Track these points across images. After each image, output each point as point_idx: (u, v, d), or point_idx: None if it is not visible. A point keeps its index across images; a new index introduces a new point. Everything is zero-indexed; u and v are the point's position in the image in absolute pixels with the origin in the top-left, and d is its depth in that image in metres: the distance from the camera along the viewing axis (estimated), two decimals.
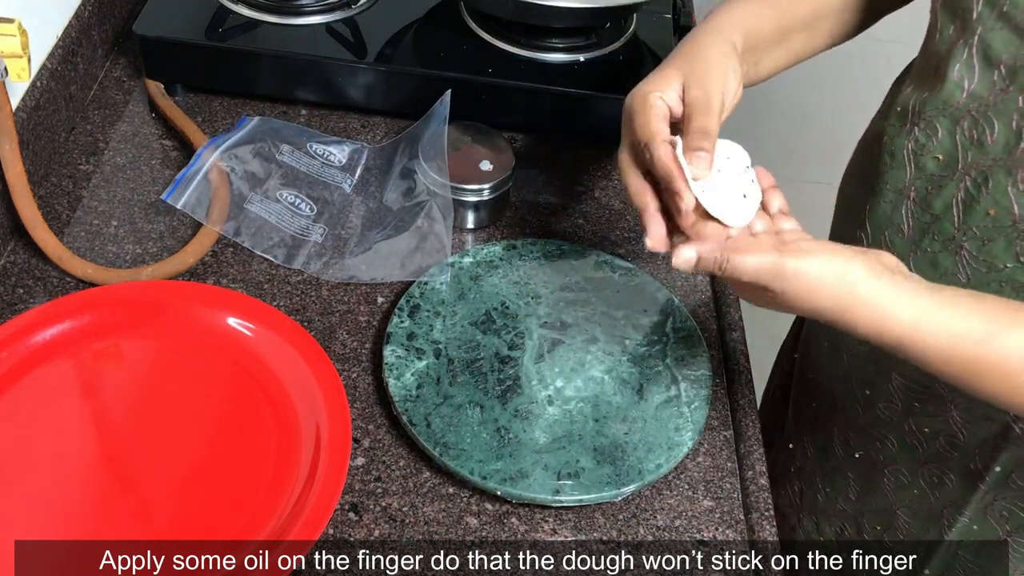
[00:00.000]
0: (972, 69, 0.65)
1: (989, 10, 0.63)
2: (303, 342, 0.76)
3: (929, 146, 0.70)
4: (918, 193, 0.71)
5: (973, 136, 0.66)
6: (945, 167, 0.69)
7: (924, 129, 0.70)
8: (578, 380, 0.78)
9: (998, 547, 0.78)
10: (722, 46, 0.69)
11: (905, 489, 0.81)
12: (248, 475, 0.70)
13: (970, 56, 0.65)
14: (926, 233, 0.71)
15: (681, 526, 0.73)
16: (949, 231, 0.69)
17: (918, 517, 0.82)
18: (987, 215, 0.66)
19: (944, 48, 0.67)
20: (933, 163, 0.70)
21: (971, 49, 0.65)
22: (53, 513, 0.67)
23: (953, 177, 0.68)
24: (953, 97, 0.67)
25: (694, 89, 0.66)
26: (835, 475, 0.88)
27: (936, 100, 0.68)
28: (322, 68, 0.97)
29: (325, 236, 0.88)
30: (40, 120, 0.88)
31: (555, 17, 0.93)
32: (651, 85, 0.67)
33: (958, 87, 0.66)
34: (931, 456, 0.78)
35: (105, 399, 0.75)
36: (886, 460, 0.82)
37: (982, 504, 0.77)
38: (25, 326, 0.75)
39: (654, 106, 0.66)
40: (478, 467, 0.71)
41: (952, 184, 0.68)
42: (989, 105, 0.64)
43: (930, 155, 0.70)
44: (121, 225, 0.88)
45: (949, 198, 0.69)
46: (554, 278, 0.85)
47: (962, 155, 0.67)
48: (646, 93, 0.67)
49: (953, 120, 0.67)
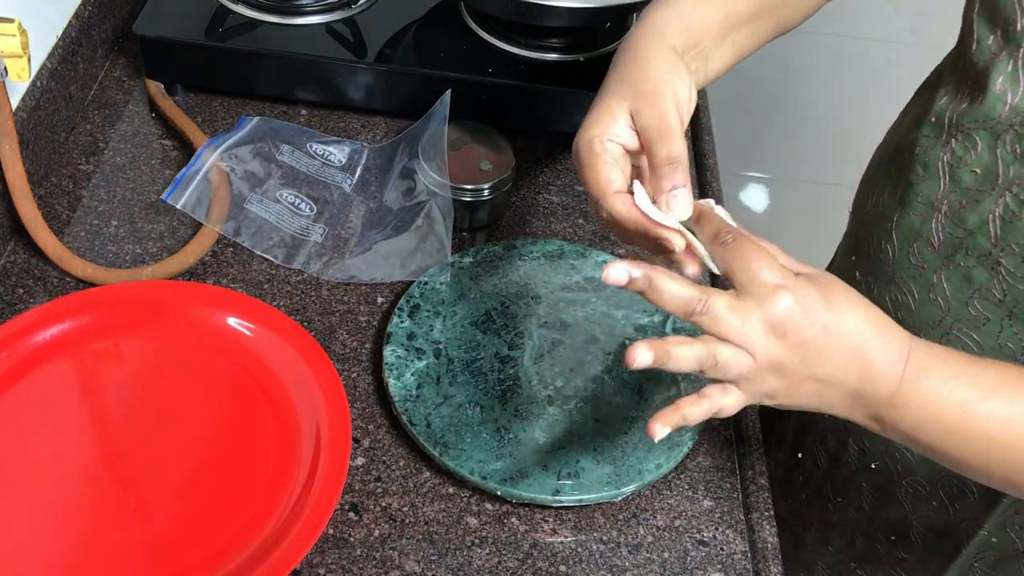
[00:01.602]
0: (1017, 82, 0.62)
1: None
2: (303, 342, 0.76)
3: (967, 159, 0.66)
4: (951, 207, 0.68)
5: (1016, 151, 0.63)
6: (983, 181, 0.66)
7: (962, 142, 0.67)
8: (578, 380, 0.78)
9: (1015, 560, 0.77)
10: (666, 54, 0.63)
11: (923, 500, 0.80)
12: (248, 475, 0.70)
13: (1016, 69, 0.62)
14: (959, 248, 0.68)
15: (681, 526, 0.73)
16: (985, 247, 0.66)
17: (935, 529, 0.80)
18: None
19: (984, 59, 0.64)
20: (970, 176, 0.66)
21: (1017, 62, 0.62)
22: (53, 513, 0.67)
23: (992, 192, 0.65)
24: (995, 110, 0.64)
25: (646, 113, 0.60)
26: (848, 485, 0.87)
27: (976, 112, 0.65)
28: (322, 68, 0.97)
29: (325, 236, 0.88)
30: (40, 120, 0.88)
31: (555, 17, 0.93)
32: (594, 128, 0.61)
33: (1000, 100, 0.63)
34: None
35: (105, 399, 0.75)
36: (904, 471, 0.80)
37: (1003, 518, 0.75)
38: (25, 326, 0.75)
39: (600, 155, 0.60)
40: (478, 467, 0.71)
41: (990, 199, 0.65)
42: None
43: (967, 168, 0.66)
44: (121, 225, 0.88)
45: (986, 213, 0.66)
46: (554, 278, 0.85)
47: (1003, 170, 0.64)
48: (590, 140, 0.60)
49: (994, 134, 0.64)
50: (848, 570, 0.90)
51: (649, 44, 0.63)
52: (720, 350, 0.56)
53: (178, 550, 0.66)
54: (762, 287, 0.55)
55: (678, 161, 0.59)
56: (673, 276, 0.57)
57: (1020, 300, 0.66)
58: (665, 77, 0.61)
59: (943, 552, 0.80)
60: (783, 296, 0.55)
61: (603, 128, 0.60)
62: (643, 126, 0.60)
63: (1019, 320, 0.67)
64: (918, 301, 0.72)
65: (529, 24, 0.96)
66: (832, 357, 0.56)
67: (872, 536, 0.86)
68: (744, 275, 0.56)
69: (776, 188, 2.39)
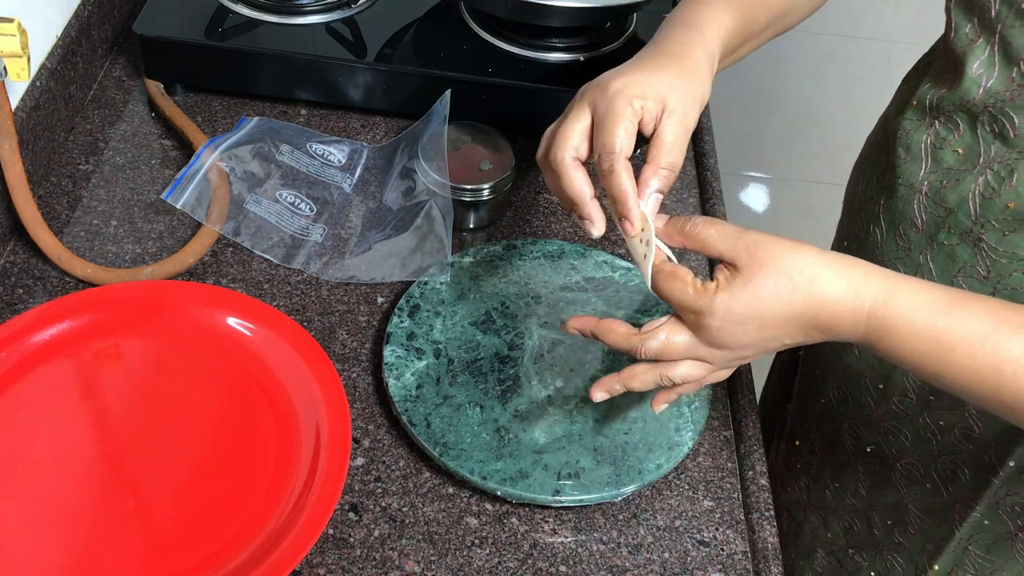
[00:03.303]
0: (992, 67, 0.65)
1: (1007, 8, 0.63)
2: (303, 342, 0.76)
3: (950, 140, 0.69)
4: (931, 187, 0.71)
5: (995, 130, 0.66)
6: (965, 160, 0.69)
7: (945, 123, 0.70)
8: (578, 380, 0.78)
9: (1009, 542, 0.78)
10: (708, 58, 0.66)
11: (917, 483, 0.81)
12: (248, 475, 0.70)
13: (991, 54, 0.65)
14: (941, 227, 0.71)
15: (681, 526, 0.73)
16: (966, 224, 0.69)
17: (929, 512, 0.82)
18: (1006, 208, 0.66)
19: (962, 46, 0.67)
20: (953, 156, 0.69)
21: (992, 47, 0.65)
22: (53, 513, 0.67)
23: (973, 171, 0.68)
24: (970, 93, 0.67)
25: (675, 118, 0.62)
26: (844, 470, 0.88)
27: (954, 97, 0.68)
28: (322, 68, 0.97)
29: (325, 236, 0.88)
30: (40, 120, 0.88)
31: (555, 17, 0.93)
32: (635, 86, 0.62)
33: (975, 84, 0.66)
34: (945, 449, 0.78)
35: (105, 399, 0.75)
36: (898, 454, 0.82)
37: (994, 499, 0.77)
38: (25, 326, 0.75)
39: (632, 116, 0.61)
40: (478, 467, 0.71)
41: (971, 177, 0.68)
42: (1006, 101, 0.65)
43: (950, 148, 0.69)
44: (121, 225, 0.88)
45: (965, 192, 0.68)
46: (554, 278, 0.85)
47: (984, 148, 0.67)
48: (630, 96, 0.62)
49: (971, 115, 0.67)
50: (847, 556, 0.91)
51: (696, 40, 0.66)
52: (672, 372, 0.62)
53: (178, 550, 0.66)
54: (687, 318, 0.60)
55: (676, 170, 0.62)
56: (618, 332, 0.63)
57: (1003, 275, 0.69)
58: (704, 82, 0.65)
59: (938, 535, 0.82)
60: (706, 322, 0.59)
61: (644, 92, 0.62)
62: (665, 131, 0.62)
63: (1003, 297, 0.69)
64: None
65: (529, 24, 0.96)
66: (783, 334, 0.59)
67: (870, 520, 0.87)
68: (674, 306, 0.61)
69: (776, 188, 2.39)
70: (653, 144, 0.62)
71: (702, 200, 0.96)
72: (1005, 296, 0.69)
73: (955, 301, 0.56)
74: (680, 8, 0.71)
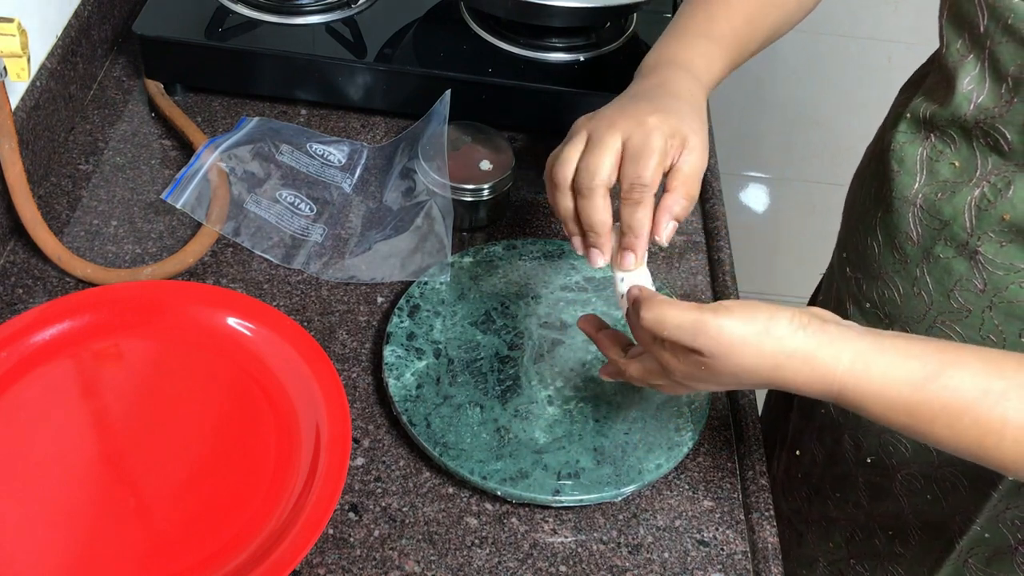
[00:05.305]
0: (983, 83, 0.65)
1: (995, 24, 0.62)
2: (303, 342, 0.76)
3: (947, 152, 0.69)
4: (926, 199, 0.71)
5: (989, 143, 0.66)
6: (961, 172, 0.68)
7: (941, 136, 0.70)
8: (578, 380, 0.78)
9: (1009, 556, 0.77)
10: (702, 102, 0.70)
11: (917, 494, 0.81)
12: (248, 475, 0.70)
13: (982, 70, 0.65)
14: (937, 240, 0.70)
15: (681, 526, 0.73)
16: (961, 236, 0.69)
17: (929, 524, 0.81)
18: (1002, 220, 0.66)
19: (953, 61, 0.67)
20: (949, 169, 0.69)
21: (983, 63, 0.64)
22: (53, 513, 0.67)
23: (969, 183, 0.68)
24: (961, 109, 0.67)
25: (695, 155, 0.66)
26: (845, 480, 0.88)
27: (945, 112, 0.68)
28: (322, 68, 0.97)
29: (325, 236, 0.88)
30: (40, 120, 0.88)
31: (555, 17, 0.93)
32: (667, 125, 0.65)
33: (966, 99, 0.66)
34: (945, 460, 0.77)
35: (105, 399, 0.75)
36: (899, 464, 0.81)
37: (994, 512, 0.76)
38: (25, 326, 0.75)
39: (665, 152, 0.65)
40: (478, 467, 0.71)
41: (967, 189, 0.68)
42: (996, 117, 0.64)
43: (947, 161, 0.69)
44: (121, 225, 0.88)
45: (961, 203, 0.68)
46: (554, 278, 0.85)
47: (981, 161, 0.67)
48: (665, 134, 0.64)
49: (965, 130, 0.67)
50: (848, 566, 0.91)
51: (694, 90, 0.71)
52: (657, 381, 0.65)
53: (178, 550, 0.66)
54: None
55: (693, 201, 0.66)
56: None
57: (1000, 288, 0.68)
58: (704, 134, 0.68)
59: (938, 547, 0.81)
60: (667, 371, 0.62)
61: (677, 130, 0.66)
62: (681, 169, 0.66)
63: (1000, 311, 0.68)
64: (903, 296, 0.74)
65: (529, 24, 0.96)
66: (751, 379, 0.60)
67: (871, 531, 0.87)
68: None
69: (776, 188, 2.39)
70: (673, 176, 0.65)
71: (702, 200, 0.96)
72: (1002, 309, 0.68)
73: (929, 376, 0.55)
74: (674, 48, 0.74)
